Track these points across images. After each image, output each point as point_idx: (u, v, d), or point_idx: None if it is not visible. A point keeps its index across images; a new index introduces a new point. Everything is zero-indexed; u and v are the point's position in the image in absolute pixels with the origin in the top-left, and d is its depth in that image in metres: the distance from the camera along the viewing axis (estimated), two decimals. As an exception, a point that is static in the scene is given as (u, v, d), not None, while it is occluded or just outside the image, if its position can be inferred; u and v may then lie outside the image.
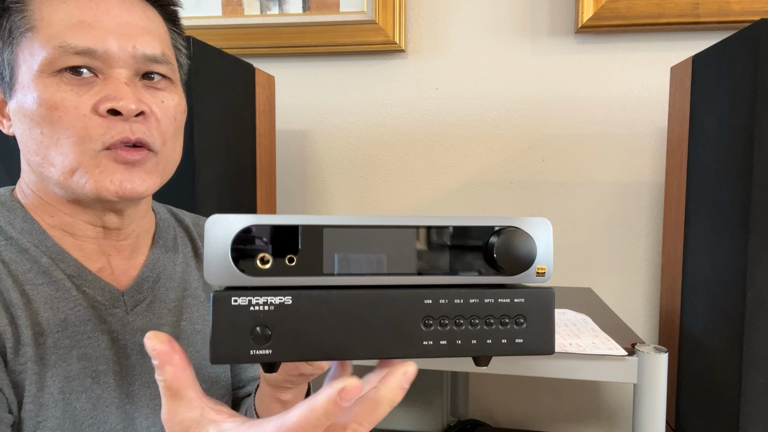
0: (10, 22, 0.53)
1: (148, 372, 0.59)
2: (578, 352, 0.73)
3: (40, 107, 0.52)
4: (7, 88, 0.55)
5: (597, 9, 1.17)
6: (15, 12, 0.53)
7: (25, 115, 0.53)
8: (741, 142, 0.79)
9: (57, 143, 0.53)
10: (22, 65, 0.53)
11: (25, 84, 0.53)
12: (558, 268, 1.27)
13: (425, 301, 0.35)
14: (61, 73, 0.52)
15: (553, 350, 0.37)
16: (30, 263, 0.55)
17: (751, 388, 0.77)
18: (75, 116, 0.52)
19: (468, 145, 1.28)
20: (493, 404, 1.31)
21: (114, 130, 0.53)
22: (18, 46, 0.53)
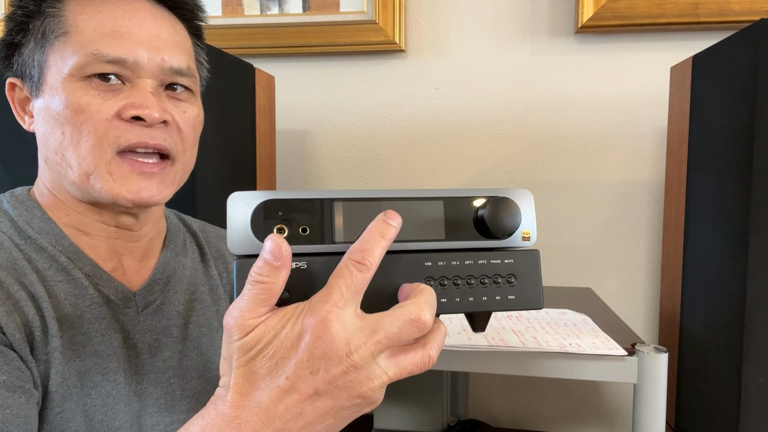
0: (44, 24, 0.55)
1: (156, 371, 0.60)
2: (578, 352, 0.73)
3: (66, 109, 0.54)
4: (34, 87, 0.56)
5: (597, 9, 1.17)
6: (50, 16, 0.55)
7: (50, 115, 0.55)
8: (741, 141, 0.79)
9: (77, 145, 0.54)
10: (52, 67, 0.55)
11: (54, 86, 0.55)
12: (558, 268, 1.27)
13: (425, 263, 0.39)
14: (89, 79, 0.54)
15: (542, 305, 0.41)
16: (49, 261, 0.56)
17: (751, 388, 0.77)
18: (98, 120, 0.54)
19: (468, 145, 1.28)
20: (493, 404, 1.31)
21: (132, 133, 0.55)
22: (50, 49, 0.55)
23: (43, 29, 0.55)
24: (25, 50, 0.57)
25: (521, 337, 0.78)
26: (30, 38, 0.56)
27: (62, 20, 0.55)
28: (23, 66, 0.57)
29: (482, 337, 0.78)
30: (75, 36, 0.54)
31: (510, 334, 0.79)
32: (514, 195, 0.41)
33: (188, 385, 0.64)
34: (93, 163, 0.54)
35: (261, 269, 0.36)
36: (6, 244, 0.55)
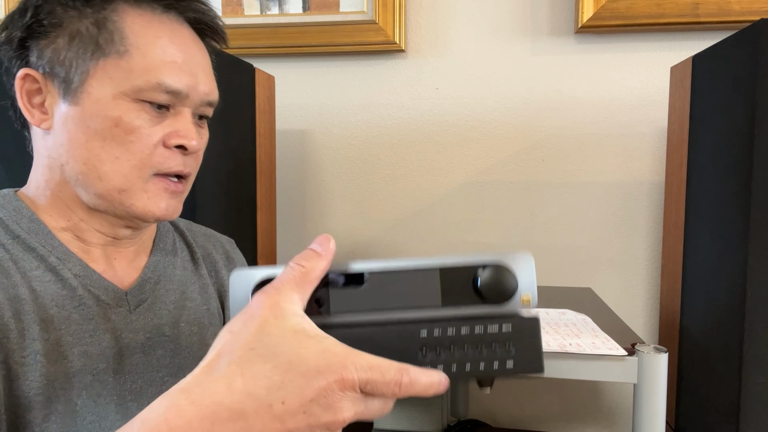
0: (101, 35, 0.54)
1: (150, 370, 0.60)
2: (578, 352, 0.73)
3: (114, 127, 0.54)
4: (64, 88, 0.55)
5: (597, 9, 1.17)
6: (105, 27, 0.54)
7: (86, 125, 0.54)
8: (741, 141, 0.79)
9: (115, 161, 0.55)
10: (101, 79, 0.54)
11: (100, 99, 0.54)
12: (558, 268, 1.27)
13: (421, 334, 0.39)
14: (142, 102, 0.55)
15: (543, 370, 0.40)
16: (37, 261, 0.55)
17: (751, 388, 0.77)
18: (145, 144, 0.56)
19: (468, 145, 1.28)
20: (493, 404, 1.31)
21: (173, 162, 0.57)
22: (102, 60, 0.54)
23: (99, 40, 0.54)
24: (56, 47, 0.54)
25: (521, 337, 0.78)
26: (68, 38, 0.54)
27: (122, 37, 0.54)
28: (51, 63, 0.54)
29: (482, 337, 0.78)
30: (137, 58, 0.54)
31: (510, 334, 0.79)
32: (513, 259, 0.40)
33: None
34: (130, 182, 0.56)
35: (303, 254, 0.38)
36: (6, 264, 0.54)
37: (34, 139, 0.59)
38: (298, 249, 1.40)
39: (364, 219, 1.34)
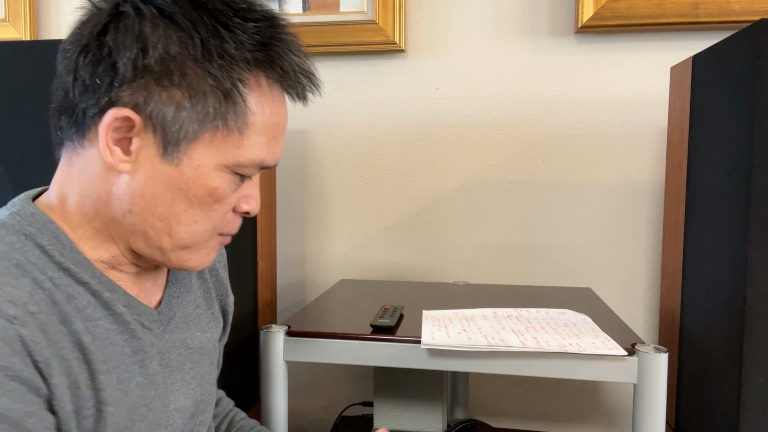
0: (227, 107, 0.51)
1: (185, 385, 0.61)
2: (578, 352, 0.73)
3: (207, 194, 0.53)
4: (165, 144, 0.51)
5: (597, 9, 1.17)
6: (236, 103, 0.51)
7: (179, 186, 0.52)
8: (741, 141, 0.79)
9: (192, 224, 0.54)
10: (206, 145, 0.51)
11: (201, 165, 0.52)
12: (558, 268, 1.27)
13: None
14: (236, 174, 0.54)
15: None
16: (89, 297, 0.52)
17: (751, 388, 0.77)
18: (224, 211, 0.55)
19: (468, 145, 1.28)
20: (493, 404, 1.31)
21: (236, 224, 0.58)
22: (215, 129, 0.51)
23: (220, 108, 0.51)
24: (172, 100, 0.50)
25: (521, 337, 0.78)
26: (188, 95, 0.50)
27: (244, 114, 0.52)
28: (160, 114, 0.50)
29: (482, 337, 0.78)
30: (250, 137, 0.53)
31: (510, 334, 0.79)
32: None
33: (204, 390, 0.65)
34: (196, 242, 0.55)
35: None
36: (45, 284, 0.48)
37: (89, 165, 0.53)
38: (298, 249, 1.41)
39: (364, 219, 1.34)
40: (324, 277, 1.36)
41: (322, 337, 0.81)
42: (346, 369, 1.37)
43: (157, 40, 0.49)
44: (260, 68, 0.52)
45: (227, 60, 0.50)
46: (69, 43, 0.52)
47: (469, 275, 1.30)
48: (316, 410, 1.39)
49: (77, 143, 0.53)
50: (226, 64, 0.50)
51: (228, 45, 0.50)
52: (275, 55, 0.52)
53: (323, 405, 1.38)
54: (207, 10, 0.50)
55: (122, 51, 0.49)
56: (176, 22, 0.50)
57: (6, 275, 0.46)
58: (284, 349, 0.82)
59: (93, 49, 0.50)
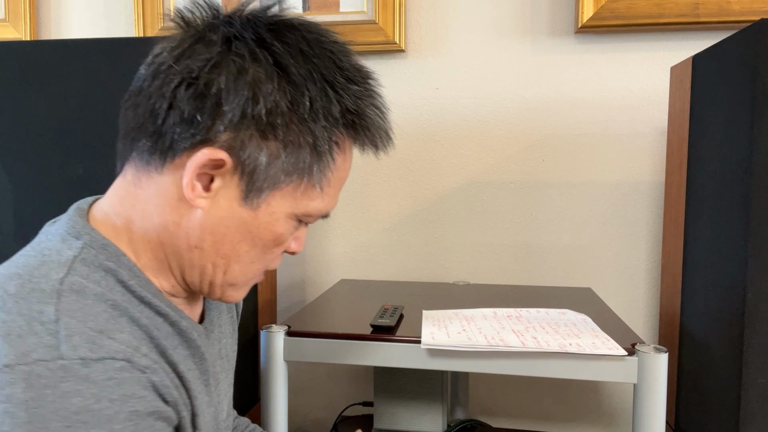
0: (317, 166, 0.52)
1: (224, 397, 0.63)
2: (578, 352, 0.73)
3: (272, 239, 0.53)
4: (248, 190, 0.50)
5: (597, 9, 1.17)
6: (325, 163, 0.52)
7: (249, 230, 0.52)
8: (741, 141, 0.79)
9: (249, 264, 0.54)
10: (284, 195, 0.52)
11: (275, 212, 0.52)
12: (558, 268, 1.27)
13: None
14: (300, 221, 0.55)
15: None
16: (168, 327, 0.51)
17: (751, 388, 0.77)
18: (279, 252, 0.56)
19: (468, 145, 1.28)
20: (493, 404, 1.31)
21: (279, 261, 0.58)
22: (299, 182, 0.52)
23: (310, 166, 0.51)
24: (268, 150, 0.50)
25: (521, 337, 0.78)
26: (283, 148, 0.50)
27: (329, 173, 0.53)
28: (251, 160, 0.49)
29: (482, 337, 0.78)
30: (326, 191, 0.54)
31: (510, 334, 0.79)
32: None
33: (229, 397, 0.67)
34: (246, 280, 0.55)
35: None
36: (141, 321, 0.48)
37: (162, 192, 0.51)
38: (298, 249, 1.40)
39: (364, 219, 1.34)
40: (324, 277, 1.36)
41: (322, 337, 0.81)
42: (346, 369, 1.37)
43: (270, 92, 0.48)
44: (351, 132, 0.54)
45: (330, 122, 0.51)
46: (167, 66, 0.50)
47: (469, 275, 1.30)
48: (316, 410, 1.38)
49: (153, 167, 0.51)
50: (328, 125, 0.51)
51: (334, 107, 0.51)
52: (369, 122, 0.53)
53: (323, 405, 1.38)
54: (316, 65, 0.50)
55: (232, 95, 0.48)
56: (290, 76, 0.49)
57: (110, 321, 0.45)
58: (284, 349, 0.82)
59: (200, 85, 0.48)
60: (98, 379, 0.41)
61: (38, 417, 0.39)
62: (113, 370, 0.42)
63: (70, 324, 0.42)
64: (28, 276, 0.45)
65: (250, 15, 0.51)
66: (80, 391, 0.40)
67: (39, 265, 0.46)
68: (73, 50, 0.90)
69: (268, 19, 0.51)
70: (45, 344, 0.41)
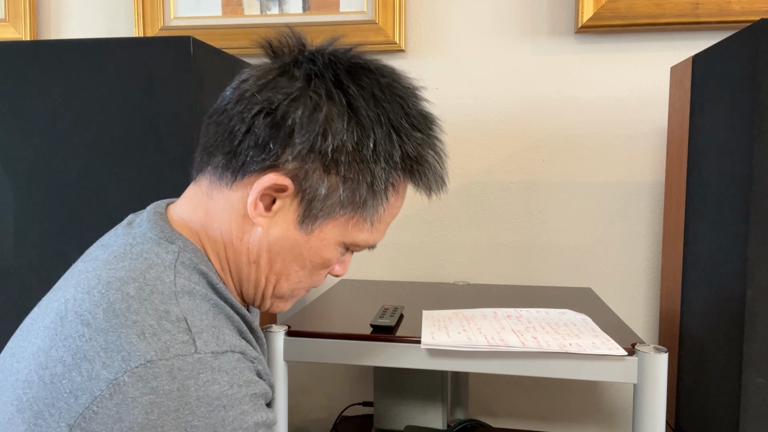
0: (371, 202, 0.56)
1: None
2: (578, 352, 0.73)
3: (320, 263, 0.58)
4: (305, 216, 0.55)
5: (597, 9, 1.17)
6: (379, 201, 0.56)
7: (301, 252, 0.56)
8: (741, 141, 0.79)
9: (297, 282, 0.59)
10: (337, 224, 0.56)
11: (326, 238, 0.56)
12: (558, 268, 1.27)
13: None
14: (345, 247, 0.59)
15: None
16: (246, 325, 0.56)
17: (751, 388, 0.77)
18: (325, 274, 0.61)
19: (468, 145, 1.28)
20: (493, 404, 1.31)
21: (323, 280, 0.62)
22: (352, 215, 0.56)
23: (364, 201, 0.55)
24: (328, 182, 0.54)
25: (521, 337, 0.78)
26: (342, 182, 0.54)
27: (382, 211, 0.57)
28: (313, 190, 0.54)
29: (482, 337, 0.78)
30: (377, 226, 0.58)
31: (510, 334, 0.79)
32: None
33: None
34: (292, 296, 0.61)
35: None
36: (234, 319, 0.53)
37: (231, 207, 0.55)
38: (298, 249, 1.40)
39: (364, 219, 1.34)
40: (324, 277, 1.36)
41: (322, 337, 0.81)
42: (346, 369, 1.37)
43: (339, 131, 0.52)
44: (408, 175, 0.57)
45: (390, 165, 0.55)
46: (251, 94, 0.54)
47: (469, 275, 1.30)
48: (316, 410, 1.38)
49: (224, 182, 0.55)
50: (388, 167, 0.55)
51: (396, 152, 0.54)
52: (426, 168, 0.57)
53: (323, 405, 1.38)
54: (385, 110, 0.54)
55: (304, 129, 0.52)
56: (360, 118, 0.53)
57: (216, 318, 0.50)
58: (284, 349, 0.82)
59: (277, 116, 0.52)
60: (227, 368, 0.46)
61: (185, 405, 0.43)
62: (235, 360, 0.48)
63: (194, 322, 0.47)
64: (142, 279, 0.49)
65: (332, 55, 0.55)
66: (216, 379, 0.45)
67: (148, 269, 0.50)
68: (73, 50, 0.90)
69: (347, 61, 0.55)
70: (180, 341, 0.45)
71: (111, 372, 0.43)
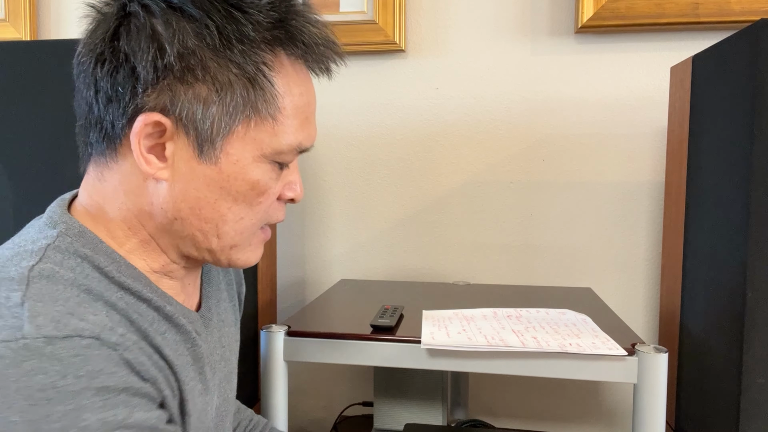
0: (257, 95, 0.50)
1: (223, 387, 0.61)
2: (578, 352, 0.73)
3: (249, 189, 0.52)
4: (200, 144, 0.49)
5: (597, 9, 1.17)
6: (264, 89, 0.50)
7: (220, 186, 0.51)
8: (741, 141, 0.79)
9: (239, 221, 0.53)
10: (242, 138, 0.50)
11: (239, 159, 0.50)
12: (558, 268, 1.27)
13: None
14: (275, 163, 0.53)
15: None
16: (153, 312, 0.50)
17: (751, 388, 0.77)
18: (269, 203, 0.54)
19: (468, 145, 1.28)
20: (493, 404, 1.31)
21: (281, 213, 0.56)
22: (248, 120, 0.50)
23: (250, 97, 0.49)
24: (199, 97, 0.48)
25: (521, 337, 0.78)
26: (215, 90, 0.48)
27: (274, 98, 0.50)
28: (190, 114, 0.48)
29: (482, 337, 0.78)
30: (284, 121, 0.51)
31: (510, 334, 0.79)
32: None
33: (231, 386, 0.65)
34: (244, 239, 0.54)
35: None
36: (119, 305, 0.47)
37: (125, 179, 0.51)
38: (297, 249, 1.41)
39: (364, 219, 1.34)
40: (324, 277, 1.36)
41: (322, 337, 0.81)
42: (346, 369, 1.37)
43: (172, 35, 0.47)
44: (281, 47, 0.50)
45: (247, 44, 0.48)
46: (82, 55, 0.50)
47: (469, 275, 1.30)
48: (316, 410, 1.39)
49: (109, 158, 0.51)
50: (246, 48, 0.48)
51: (245, 27, 0.48)
52: (294, 30, 0.50)
53: (323, 405, 1.38)
54: None
55: (139, 54, 0.47)
56: (188, 12, 0.47)
57: (83, 304, 0.44)
58: (284, 349, 0.82)
59: (108, 57, 0.48)
60: (63, 356, 0.40)
61: (1, 396, 0.38)
62: (80, 347, 0.41)
63: (35, 306, 0.41)
64: (1, 266, 0.45)
65: None
66: (44, 368, 0.39)
67: (13, 256, 0.46)
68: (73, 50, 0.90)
69: None
70: (9, 326, 0.40)
71: None
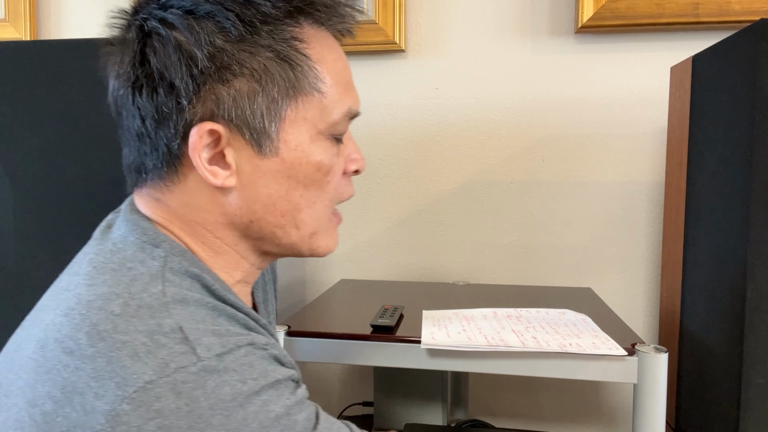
0: (294, 71, 0.48)
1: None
2: (578, 352, 0.73)
3: (316, 171, 0.50)
4: (257, 140, 0.48)
5: (597, 9, 1.17)
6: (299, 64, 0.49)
7: (287, 175, 0.50)
8: (741, 141, 0.79)
9: (312, 206, 0.52)
10: (293, 121, 0.49)
11: (299, 144, 0.49)
12: (558, 268, 1.27)
13: None
14: (332, 137, 0.51)
15: None
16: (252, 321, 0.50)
17: (751, 388, 0.77)
18: (336, 180, 0.53)
19: (468, 145, 1.28)
20: (493, 404, 1.31)
21: (350, 188, 0.55)
22: (295, 101, 0.49)
23: (289, 76, 0.48)
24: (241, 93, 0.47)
25: (521, 337, 0.78)
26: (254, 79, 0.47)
27: (312, 68, 0.49)
28: (234, 112, 0.47)
29: (482, 337, 0.78)
30: (326, 91, 0.50)
31: (510, 334, 0.79)
32: None
33: None
34: (322, 222, 0.53)
35: None
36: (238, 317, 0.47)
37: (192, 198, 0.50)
38: (298, 249, 1.40)
39: (364, 219, 1.34)
40: (324, 277, 1.36)
41: (322, 337, 0.81)
42: (346, 369, 1.37)
43: (197, 39, 0.46)
44: (303, 15, 0.49)
45: (271, 23, 0.47)
46: (117, 90, 0.49)
47: (469, 275, 1.30)
48: (316, 410, 1.38)
49: (168, 180, 0.50)
50: (272, 27, 0.47)
51: (263, 6, 0.47)
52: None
53: (323, 405, 1.38)
54: None
55: (172, 68, 0.46)
56: (203, 11, 0.47)
57: (216, 320, 0.45)
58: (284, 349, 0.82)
59: (144, 81, 0.47)
60: (235, 366, 0.42)
61: (197, 418, 0.39)
62: (242, 355, 0.43)
63: (192, 330, 0.42)
64: (127, 294, 0.43)
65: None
66: (225, 381, 0.41)
67: (132, 281, 0.45)
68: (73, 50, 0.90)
69: None
70: (179, 352, 0.41)
71: (106, 402, 0.38)
